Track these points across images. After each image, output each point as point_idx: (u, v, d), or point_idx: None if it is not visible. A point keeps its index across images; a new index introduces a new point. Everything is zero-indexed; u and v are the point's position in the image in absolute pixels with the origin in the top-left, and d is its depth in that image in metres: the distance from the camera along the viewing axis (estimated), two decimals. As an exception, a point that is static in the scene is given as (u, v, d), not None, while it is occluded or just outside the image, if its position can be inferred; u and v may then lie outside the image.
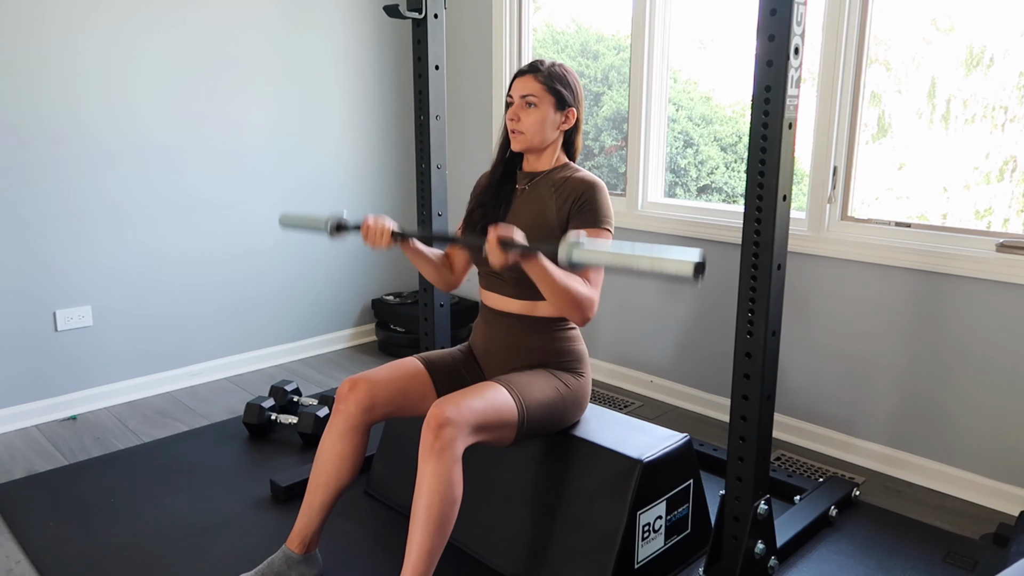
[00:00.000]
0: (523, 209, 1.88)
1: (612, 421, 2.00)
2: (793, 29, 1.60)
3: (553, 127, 1.87)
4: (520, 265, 1.62)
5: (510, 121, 1.87)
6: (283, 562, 1.83)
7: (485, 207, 1.93)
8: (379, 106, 3.74)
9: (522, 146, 1.87)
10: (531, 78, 1.84)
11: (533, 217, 1.85)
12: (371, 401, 1.81)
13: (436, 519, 1.59)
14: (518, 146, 1.88)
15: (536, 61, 1.88)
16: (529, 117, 1.84)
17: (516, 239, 1.56)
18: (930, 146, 2.46)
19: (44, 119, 2.76)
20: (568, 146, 1.94)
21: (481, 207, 1.94)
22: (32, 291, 2.81)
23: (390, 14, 2.28)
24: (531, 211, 1.86)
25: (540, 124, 1.84)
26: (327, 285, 3.69)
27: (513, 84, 1.87)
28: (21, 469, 2.52)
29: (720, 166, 3.10)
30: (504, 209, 1.91)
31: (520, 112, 1.85)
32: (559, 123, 1.87)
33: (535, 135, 1.85)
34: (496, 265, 1.57)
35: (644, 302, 3.14)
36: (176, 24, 3.01)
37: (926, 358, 2.42)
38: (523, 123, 1.85)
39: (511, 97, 1.87)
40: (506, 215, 1.90)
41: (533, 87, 1.84)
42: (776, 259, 1.72)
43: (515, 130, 1.86)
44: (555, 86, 1.84)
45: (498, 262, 1.56)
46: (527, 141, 1.86)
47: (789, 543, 2.04)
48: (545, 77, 1.84)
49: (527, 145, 1.87)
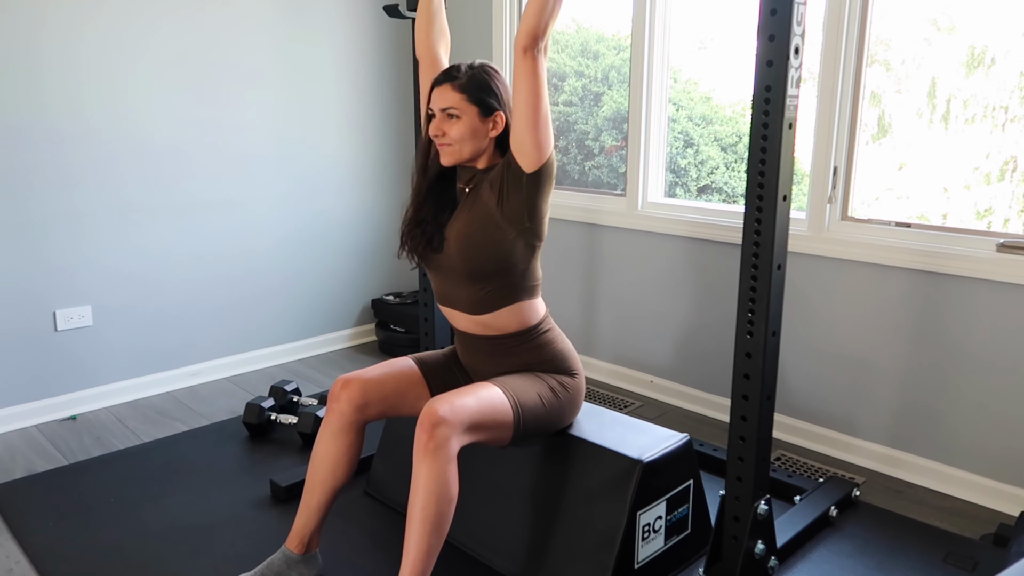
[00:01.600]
0: (465, 210, 1.78)
1: (612, 421, 2.00)
2: (793, 29, 1.60)
3: (482, 136, 1.75)
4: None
5: (434, 136, 1.75)
6: (283, 562, 1.83)
7: (423, 224, 1.80)
8: (379, 106, 3.74)
9: (453, 159, 1.76)
10: (448, 88, 1.73)
11: (480, 216, 1.75)
12: (364, 399, 1.81)
13: (432, 519, 1.59)
14: (449, 160, 1.77)
15: (452, 68, 1.76)
16: (454, 129, 1.73)
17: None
18: (930, 146, 2.45)
19: (45, 120, 2.76)
20: (502, 147, 1.80)
21: (419, 225, 1.81)
22: (32, 291, 2.81)
23: (390, 14, 2.28)
24: (472, 209, 1.76)
25: (467, 135, 1.73)
26: (327, 285, 3.68)
27: (432, 95, 1.76)
28: (21, 469, 2.52)
29: (720, 166, 3.10)
30: (449, 213, 1.81)
31: (443, 126, 1.73)
32: (487, 131, 1.76)
33: (464, 146, 1.74)
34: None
35: (644, 302, 3.14)
36: (177, 26, 3.01)
37: (926, 358, 2.42)
38: (449, 136, 1.73)
39: (431, 110, 1.76)
40: (451, 219, 1.80)
41: (452, 98, 1.72)
42: (776, 259, 1.72)
43: (442, 144, 1.75)
44: (477, 95, 1.72)
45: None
46: (457, 154, 1.75)
47: (789, 543, 2.04)
48: (464, 86, 1.72)
49: (458, 158, 1.76)
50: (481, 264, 1.75)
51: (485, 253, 1.74)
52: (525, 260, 1.78)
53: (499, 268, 1.76)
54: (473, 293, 1.79)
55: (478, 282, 1.78)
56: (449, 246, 1.78)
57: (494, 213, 1.73)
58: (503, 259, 1.75)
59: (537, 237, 1.78)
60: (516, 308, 1.81)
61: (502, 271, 1.77)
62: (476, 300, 1.80)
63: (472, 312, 1.82)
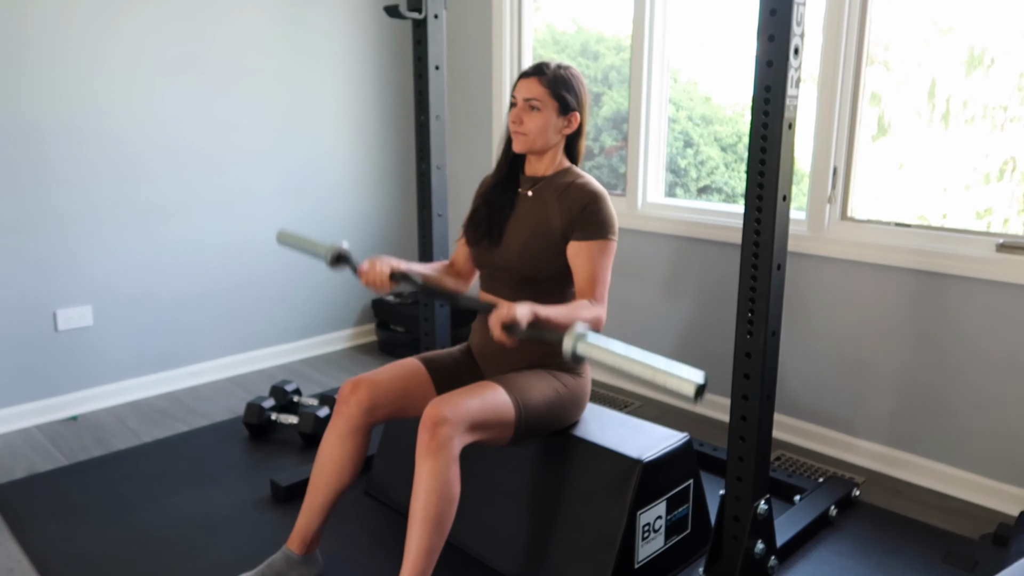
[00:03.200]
0: (527, 215, 1.88)
1: (612, 421, 2.00)
2: (793, 29, 1.60)
3: (556, 131, 1.86)
4: (521, 289, 1.70)
5: (512, 123, 1.86)
6: (283, 562, 1.83)
7: (491, 206, 1.93)
8: (379, 106, 3.74)
9: (524, 147, 1.87)
10: (535, 81, 1.83)
11: (536, 223, 1.85)
12: (372, 402, 1.81)
13: (434, 518, 1.59)
14: (520, 147, 1.87)
15: (542, 63, 1.86)
16: (532, 120, 1.83)
17: (520, 323, 1.54)
18: (930, 146, 2.46)
19: (46, 121, 2.76)
20: (571, 150, 1.93)
21: (487, 205, 1.94)
22: (32, 291, 2.81)
23: (390, 14, 2.28)
24: (535, 217, 1.86)
25: (543, 128, 1.83)
26: (327, 285, 3.69)
27: (517, 86, 1.86)
28: (21, 469, 2.52)
29: (720, 166, 3.10)
30: (508, 211, 1.91)
31: (523, 115, 1.84)
32: (562, 127, 1.86)
33: (537, 138, 1.84)
34: (497, 339, 1.56)
35: (644, 302, 3.14)
36: (176, 28, 3.01)
37: (926, 358, 2.42)
38: (526, 126, 1.84)
39: (515, 99, 1.86)
40: (510, 217, 1.90)
41: (537, 91, 1.82)
42: (776, 259, 1.72)
43: (518, 132, 1.85)
44: (559, 91, 1.82)
45: (499, 338, 1.55)
46: (529, 143, 1.86)
47: (789, 543, 2.04)
48: (550, 81, 1.82)
49: (529, 147, 1.87)
50: (536, 270, 1.85)
51: (542, 262, 1.84)
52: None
53: (552, 275, 1.86)
54: (519, 293, 1.85)
55: (529, 285, 1.86)
56: (509, 248, 1.87)
57: (555, 226, 1.83)
58: (558, 268, 1.85)
59: None
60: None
61: (554, 277, 1.86)
62: (522, 294, 1.85)
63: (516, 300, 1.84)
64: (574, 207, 1.82)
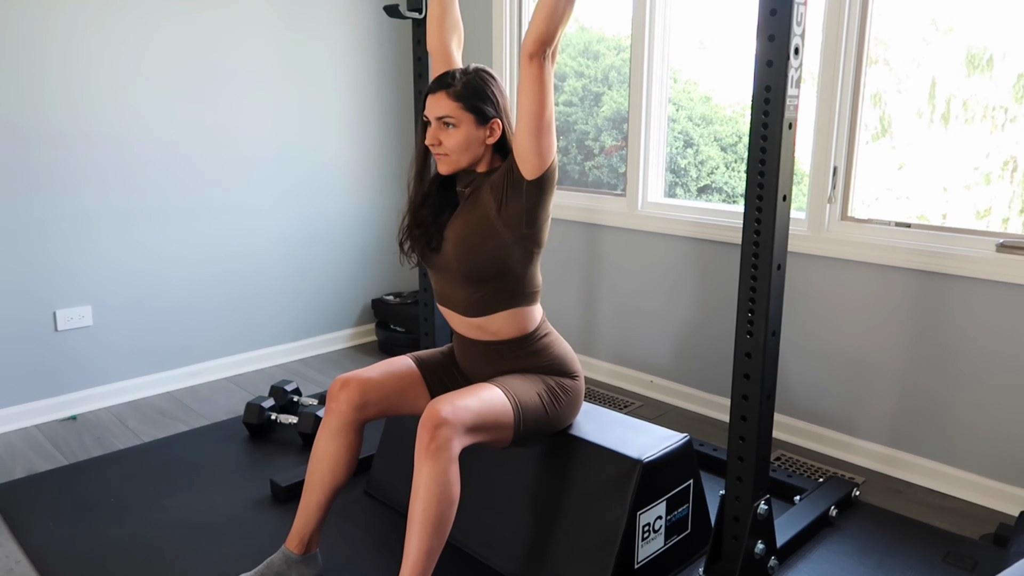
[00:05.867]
0: (463, 212, 1.78)
1: (612, 421, 2.00)
2: (793, 29, 1.60)
3: (479, 143, 1.74)
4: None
5: (431, 145, 1.74)
6: (283, 562, 1.83)
7: (423, 226, 1.80)
8: (379, 106, 3.74)
9: (451, 168, 1.76)
10: (443, 96, 1.70)
11: (472, 217, 1.75)
12: (363, 399, 1.81)
13: (433, 520, 1.59)
14: (447, 169, 1.76)
15: (446, 74, 1.73)
16: (450, 139, 1.71)
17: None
18: (930, 146, 2.46)
19: (47, 121, 2.76)
20: (503, 149, 1.79)
21: (419, 227, 1.81)
22: (32, 291, 2.81)
23: (390, 14, 2.28)
24: (471, 212, 1.76)
25: (463, 144, 1.72)
26: (327, 285, 3.69)
27: (426, 103, 1.73)
28: (21, 469, 2.52)
29: (720, 166, 3.10)
30: (448, 214, 1.81)
31: (439, 134, 1.72)
32: (484, 138, 1.74)
33: (461, 156, 1.73)
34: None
35: (644, 302, 3.14)
36: (178, 29, 3.01)
37: (926, 358, 2.42)
38: (445, 145, 1.72)
39: (426, 118, 1.74)
40: (449, 221, 1.80)
41: (448, 106, 1.70)
42: (776, 259, 1.72)
43: (439, 153, 1.74)
44: (472, 102, 1.70)
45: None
46: (455, 163, 1.74)
47: (789, 543, 2.04)
48: (459, 94, 1.70)
49: (455, 167, 1.75)
50: (477, 267, 1.75)
51: (481, 256, 1.74)
52: (522, 265, 1.78)
53: (495, 272, 1.76)
54: (469, 295, 1.80)
55: (474, 284, 1.78)
56: (447, 247, 1.78)
57: (492, 217, 1.72)
58: (499, 263, 1.75)
59: (536, 243, 1.78)
60: (513, 314, 1.80)
61: (498, 275, 1.76)
62: (472, 302, 1.80)
63: (468, 314, 1.82)
64: (498, 180, 1.72)
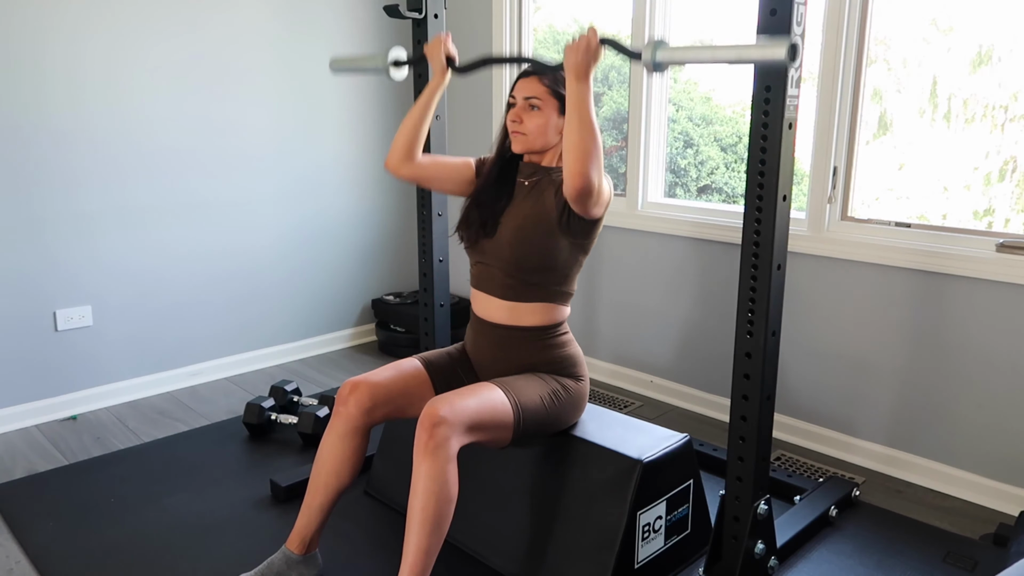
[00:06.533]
0: (523, 203, 1.86)
1: (612, 421, 2.00)
2: (793, 29, 1.60)
3: (556, 131, 1.83)
4: (576, 85, 1.60)
5: (511, 123, 1.84)
6: (283, 562, 1.83)
7: (482, 207, 1.90)
8: (379, 106, 3.74)
9: (523, 148, 1.85)
10: (536, 80, 1.81)
11: (531, 210, 1.83)
12: (372, 403, 1.81)
13: (432, 519, 1.59)
14: (519, 147, 1.85)
15: (543, 63, 1.84)
16: (532, 120, 1.81)
17: (592, 40, 1.59)
18: (930, 146, 2.46)
19: (48, 121, 2.76)
20: None
21: (478, 208, 1.91)
22: (32, 291, 2.81)
23: (390, 14, 2.28)
24: (531, 206, 1.84)
25: (542, 127, 1.82)
26: (327, 285, 3.68)
27: (516, 85, 1.84)
28: (21, 469, 2.52)
29: (720, 166, 3.10)
30: (505, 203, 1.89)
31: (523, 114, 1.82)
32: (561, 127, 1.82)
33: (537, 138, 1.83)
34: (572, 55, 1.58)
35: (644, 302, 3.14)
36: (180, 28, 3.01)
37: (926, 358, 2.42)
38: (525, 125, 1.82)
39: (513, 98, 1.84)
40: (506, 209, 1.87)
41: (537, 89, 1.80)
42: (776, 259, 1.72)
43: (517, 131, 1.83)
44: (560, 89, 1.79)
45: (577, 54, 1.58)
46: (528, 143, 1.84)
47: (789, 543, 2.04)
48: (550, 80, 1.81)
49: (528, 147, 1.85)
50: (528, 258, 1.82)
51: (535, 249, 1.82)
52: (567, 266, 1.86)
53: (543, 266, 1.83)
54: (512, 281, 1.84)
55: (520, 273, 1.84)
56: (502, 234, 1.84)
57: (553, 220, 1.80)
58: (550, 259, 1.83)
59: (584, 251, 1.87)
60: (546, 307, 1.86)
61: (545, 269, 1.83)
62: (512, 287, 1.84)
63: (504, 297, 1.86)
64: (561, 186, 1.78)
